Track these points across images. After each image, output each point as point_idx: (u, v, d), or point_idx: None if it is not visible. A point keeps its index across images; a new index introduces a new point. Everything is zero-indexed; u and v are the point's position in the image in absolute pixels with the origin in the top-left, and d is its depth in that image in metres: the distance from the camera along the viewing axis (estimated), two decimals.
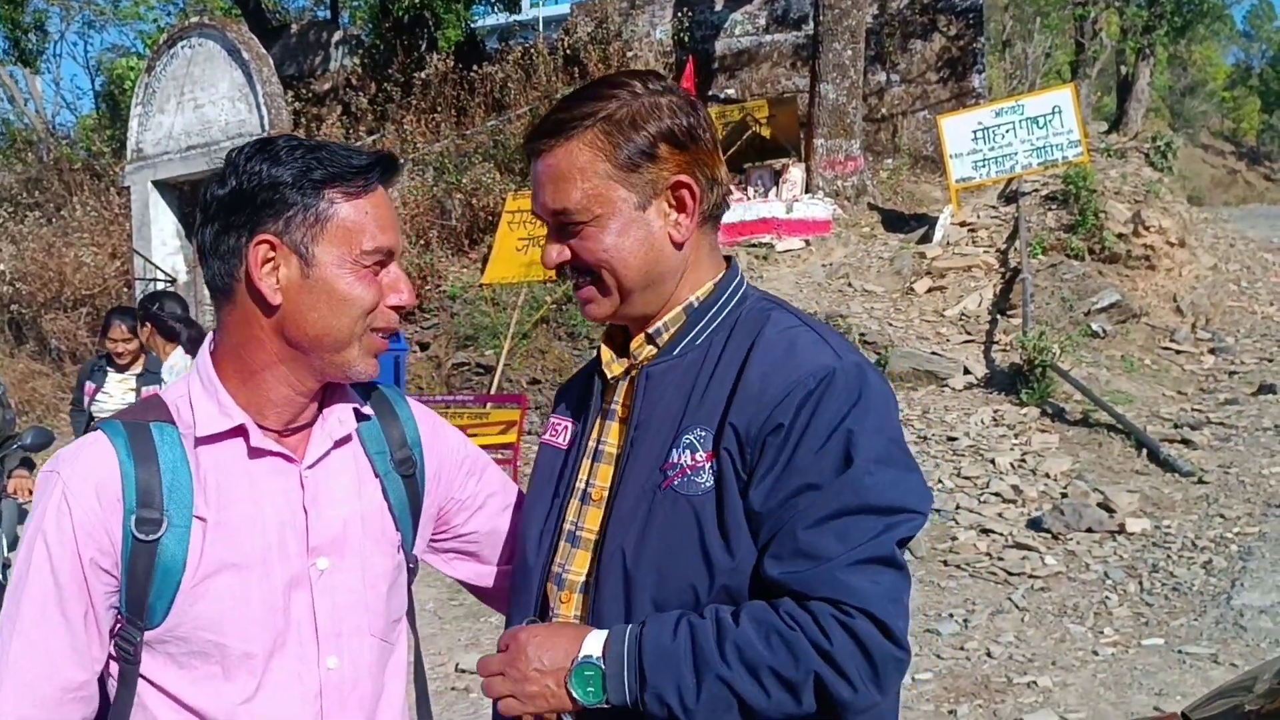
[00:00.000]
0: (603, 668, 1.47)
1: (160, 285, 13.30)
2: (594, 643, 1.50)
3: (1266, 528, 6.90)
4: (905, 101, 15.57)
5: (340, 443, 1.65)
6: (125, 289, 14.78)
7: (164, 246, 14.53)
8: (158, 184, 14.46)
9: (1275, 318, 11.84)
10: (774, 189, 12.89)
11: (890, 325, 10.47)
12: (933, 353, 9.97)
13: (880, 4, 15.49)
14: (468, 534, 1.85)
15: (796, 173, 12.98)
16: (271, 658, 1.55)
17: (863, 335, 10.02)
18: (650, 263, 1.60)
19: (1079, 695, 5.20)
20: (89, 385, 6.63)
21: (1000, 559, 6.83)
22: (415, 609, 1.79)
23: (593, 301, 1.63)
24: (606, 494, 1.62)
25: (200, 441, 1.55)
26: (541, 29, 20.96)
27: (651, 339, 1.65)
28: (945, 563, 6.84)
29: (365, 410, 1.70)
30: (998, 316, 10.58)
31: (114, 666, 1.54)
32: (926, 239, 12.07)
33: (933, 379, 9.61)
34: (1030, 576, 6.57)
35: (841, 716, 1.46)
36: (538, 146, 1.61)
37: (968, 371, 9.71)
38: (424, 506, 1.75)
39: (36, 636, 1.48)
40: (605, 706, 1.48)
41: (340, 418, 1.66)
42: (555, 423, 1.78)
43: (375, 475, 1.68)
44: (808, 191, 12.87)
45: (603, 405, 1.69)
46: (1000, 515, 7.41)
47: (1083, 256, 11.13)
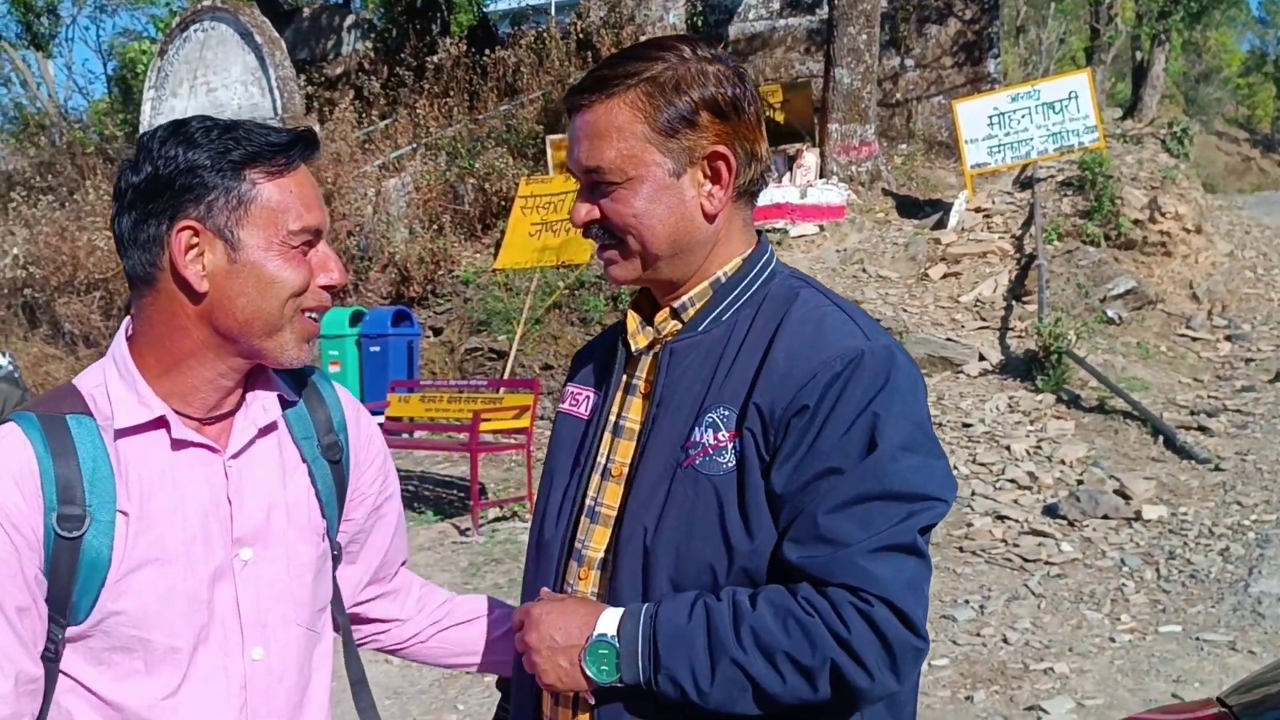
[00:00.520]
0: (617, 646, 1.46)
1: None
2: (609, 621, 1.48)
3: None
4: (920, 86, 15.48)
5: (264, 431, 1.61)
6: None
7: None
8: None
9: None
10: (788, 174, 12.82)
11: (905, 311, 10.43)
12: (948, 339, 9.94)
13: None
14: (356, 532, 1.79)
15: (811, 158, 12.92)
16: (196, 651, 1.52)
17: (878, 321, 9.97)
18: (679, 232, 1.56)
19: (1096, 682, 5.17)
20: None
21: (1016, 545, 6.80)
22: (341, 595, 1.75)
23: (616, 264, 1.60)
24: (627, 470, 1.59)
25: (120, 434, 1.51)
26: (554, 13, 20.91)
27: (677, 314, 1.61)
28: (961, 549, 6.81)
29: (289, 396, 1.66)
30: (1013, 303, 10.53)
31: None
32: (941, 225, 12.01)
33: (948, 365, 9.57)
34: (1046, 563, 6.54)
35: (857, 704, 1.44)
36: (578, 102, 1.57)
37: (983, 358, 9.68)
38: (348, 492, 1.72)
39: None
40: (619, 685, 1.46)
41: (264, 405, 1.61)
42: (575, 392, 1.75)
43: (302, 460, 1.65)
44: (822, 176, 12.81)
45: (625, 379, 1.66)
46: (1016, 502, 7.38)
47: (1098, 243, 11.07)
